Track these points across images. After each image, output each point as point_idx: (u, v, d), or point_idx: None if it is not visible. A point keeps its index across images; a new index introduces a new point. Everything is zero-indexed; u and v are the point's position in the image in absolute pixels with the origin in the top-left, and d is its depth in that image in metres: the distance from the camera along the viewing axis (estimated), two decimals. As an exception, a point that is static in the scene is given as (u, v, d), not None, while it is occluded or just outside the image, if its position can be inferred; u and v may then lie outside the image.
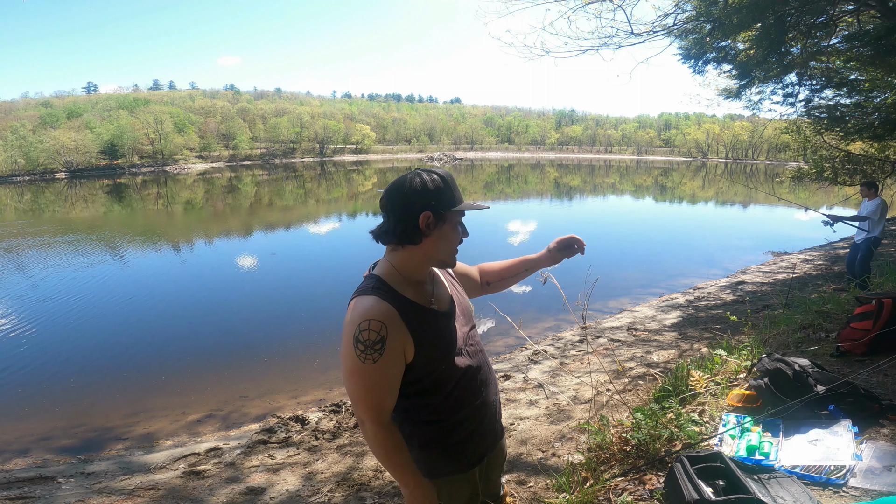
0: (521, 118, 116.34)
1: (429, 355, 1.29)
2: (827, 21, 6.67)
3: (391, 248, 1.32)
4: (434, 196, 1.25)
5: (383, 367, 1.21)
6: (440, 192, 1.26)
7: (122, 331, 6.81)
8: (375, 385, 1.22)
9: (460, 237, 1.34)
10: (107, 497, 3.11)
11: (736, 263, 10.26)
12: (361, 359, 1.19)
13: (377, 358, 1.19)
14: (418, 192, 1.25)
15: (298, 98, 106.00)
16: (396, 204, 1.26)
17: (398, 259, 1.31)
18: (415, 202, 1.25)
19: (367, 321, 1.19)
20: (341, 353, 1.24)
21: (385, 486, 2.96)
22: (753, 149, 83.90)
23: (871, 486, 1.80)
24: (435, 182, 1.26)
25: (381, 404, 1.24)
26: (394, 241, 1.29)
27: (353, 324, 1.21)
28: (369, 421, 1.24)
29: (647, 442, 2.27)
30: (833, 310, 4.10)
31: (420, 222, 1.24)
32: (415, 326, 1.25)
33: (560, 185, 36.66)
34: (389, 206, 1.28)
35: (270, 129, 71.14)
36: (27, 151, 44.15)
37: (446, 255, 1.33)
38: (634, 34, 6.57)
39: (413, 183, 1.26)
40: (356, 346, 1.19)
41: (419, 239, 1.27)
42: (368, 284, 1.28)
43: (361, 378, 1.21)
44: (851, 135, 8.71)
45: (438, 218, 1.26)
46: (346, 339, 1.21)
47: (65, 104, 71.79)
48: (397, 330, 1.22)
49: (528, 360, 5.13)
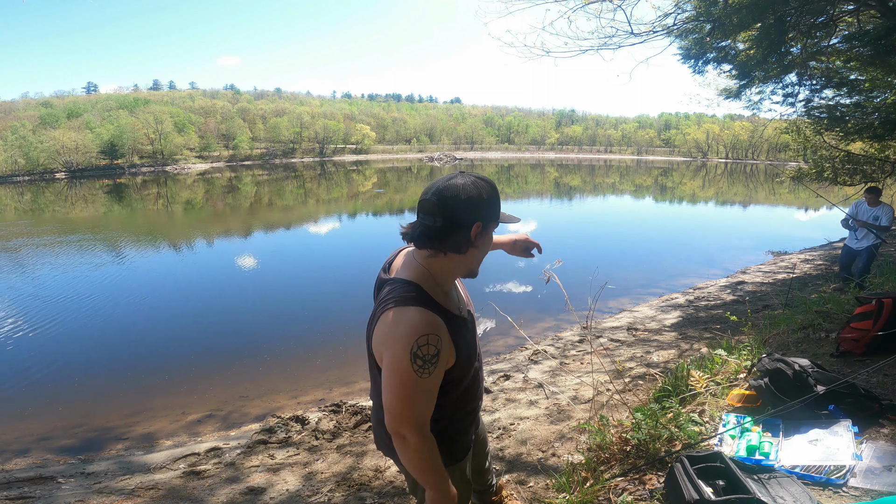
0: (521, 118, 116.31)
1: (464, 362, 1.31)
2: (827, 21, 6.67)
3: (430, 253, 1.25)
4: (487, 207, 1.22)
5: (434, 379, 1.20)
6: (491, 204, 1.23)
7: (121, 331, 6.81)
8: (425, 396, 1.21)
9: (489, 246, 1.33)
10: (107, 497, 3.11)
11: (736, 263, 10.26)
12: (419, 373, 1.16)
13: (432, 371, 1.18)
14: (475, 201, 1.20)
15: (298, 98, 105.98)
16: (452, 210, 1.19)
17: (437, 265, 1.26)
18: (471, 211, 1.20)
19: (424, 336, 1.16)
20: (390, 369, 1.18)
21: (385, 486, 2.96)
22: (753, 149, 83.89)
23: (871, 486, 1.80)
24: (488, 192, 1.22)
25: (426, 415, 1.23)
26: (440, 248, 1.23)
27: (408, 338, 1.16)
28: (413, 434, 1.21)
29: (647, 442, 2.27)
30: (833, 310, 4.10)
31: (472, 232, 1.21)
32: (455, 337, 1.26)
33: (560, 185, 36.66)
34: (442, 211, 1.20)
35: (270, 129, 71.11)
36: (27, 151, 44.13)
37: (477, 265, 1.31)
38: (634, 34, 6.57)
39: (470, 191, 1.20)
40: (414, 362, 1.15)
41: (466, 249, 1.23)
42: (409, 293, 1.22)
43: (414, 391, 1.18)
44: (851, 135, 8.70)
45: (484, 229, 1.23)
46: (398, 353, 1.16)
47: (65, 104, 71.75)
48: (447, 341, 1.22)
49: (528, 360, 5.13)
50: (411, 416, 1.20)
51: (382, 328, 1.21)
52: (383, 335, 1.21)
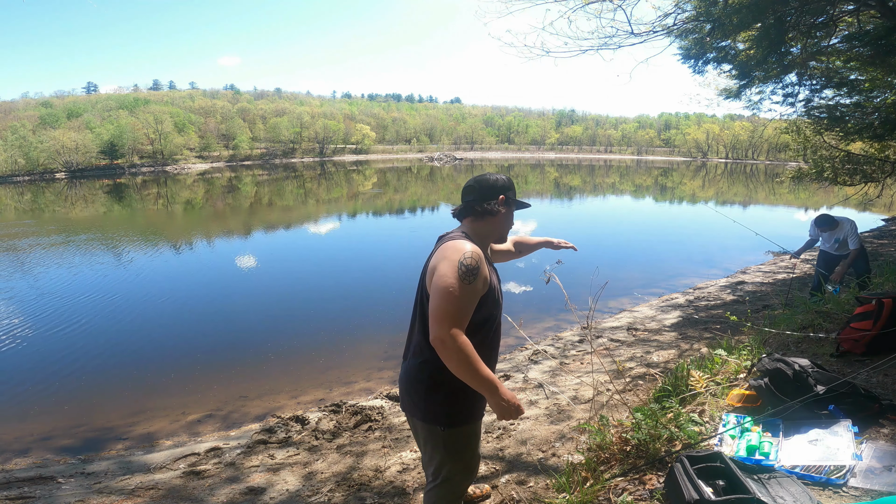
0: (521, 118, 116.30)
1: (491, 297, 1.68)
2: (827, 21, 6.67)
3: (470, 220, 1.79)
4: (509, 187, 1.82)
5: (474, 290, 1.58)
6: (510, 186, 1.83)
7: (121, 330, 6.81)
8: (466, 302, 1.56)
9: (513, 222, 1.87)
10: (107, 497, 3.11)
11: (736, 263, 10.26)
12: (462, 278, 1.54)
13: (472, 280, 1.56)
14: (501, 182, 1.81)
15: (298, 98, 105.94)
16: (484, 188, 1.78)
17: (475, 227, 1.78)
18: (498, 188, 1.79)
19: (471, 253, 1.59)
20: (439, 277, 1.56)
21: (385, 486, 2.96)
22: (753, 149, 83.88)
23: (871, 486, 1.80)
24: (508, 181, 1.84)
25: (464, 320, 1.56)
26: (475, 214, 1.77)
27: (457, 253, 1.58)
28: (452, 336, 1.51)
29: (647, 442, 2.27)
30: (833, 310, 4.10)
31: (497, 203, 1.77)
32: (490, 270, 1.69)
33: (560, 185, 36.65)
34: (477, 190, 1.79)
35: (270, 129, 71.10)
36: (27, 151, 44.12)
37: (506, 230, 1.85)
38: (634, 34, 6.56)
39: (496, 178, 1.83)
40: (460, 268, 1.55)
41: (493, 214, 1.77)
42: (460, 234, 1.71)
43: (458, 295, 1.53)
44: (851, 135, 8.69)
45: (508, 203, 1.80)
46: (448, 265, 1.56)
47: (65, 104, 71.74)
48: (484, 266, 1.63)
49: (528, 360, 5.13)
50: (453, 317, 1.52)
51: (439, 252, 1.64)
52: (439, 255, 1.62)
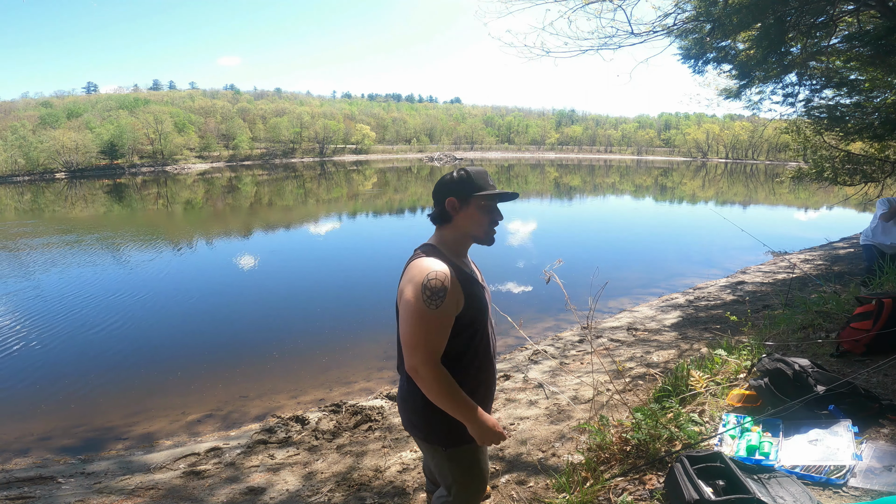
0: (521, 118, 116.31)
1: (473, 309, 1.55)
2: (827, 21, 6.67)
3: (439, 227, 1.63)
4: (457, 185, 1.59)
5: (442, 314, 1.44)
6: (462, 183, 1.59)
7: (121, 330, 6.80)
8: (436, 328, 1.44)
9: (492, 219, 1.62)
10: (107, 497, 3.11)
11: (736, 263, 10.26)
12: (427, 303, 1.42)
13: (439, 304, 1.43)
14: (445, 183, 1.61)
15: (298, 98, 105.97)
16: (435, 193, 1.62)
17: (442, 235, 1.62)
18: (444, 190, 1.60)
19: (434, 272, 1.44)
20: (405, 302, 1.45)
21: (385, 486, 2.96)
22: (753, 149, 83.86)
23: (871, 486, 1.80)
24: (459, 175, 1.61)
25: (436, 347, 1.45)
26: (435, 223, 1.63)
27: (421, 275, 1.44)
28: (424, 364, 1.43)
29: (647, 442, 2.27)
30: (833, 310, 4.10)
31: (446, 206, 1.58)
32: (464, 284, 1.53)
33: (560, 185, 36.65)
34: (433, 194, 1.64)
35: (270, 129, 71.09)
36: (27, 151, 44.11)
37: (479, 231, 1.61)
38: (634, 34, 6.57)
39: (449, 177, 1.62)
40: (423, 293, 1.42)
41: (449, 219, 1.60)
42: (426, 250, 1.57)
43: (424, 322, 1.42)
44: (851, 135, 8.69)
45: (462, 202, 1.58)
46: (413, 289, 1.44)
47: (65, 104, 71.75)
48: (454, 284, 1.47)
49: (528, 360, 5.13)
50: (423, 348, 1.43)
51: (405, 274, 1.52)
52: (405, 278, 1.51)
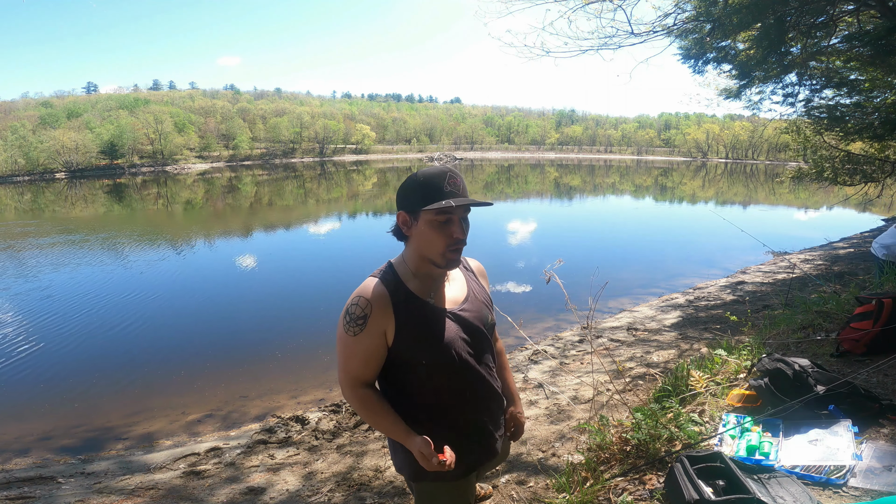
0: (521, 118, 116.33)
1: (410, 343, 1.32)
2: (827, 21, 6.67)
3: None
4: (408, 196, 1.29)
5: (362, 341, 1.30)
6: (409, 193, 1.29)
7: (121, 330, 6.80)
8: (353, 355, 1.32)
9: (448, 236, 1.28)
10: (107, 497, 3.11)
11: (736, 263, 10.26)
12: (345, 328, 1.31)
13: (357, 332, 1.29)
14: (399, 193, 1.32)
15: (298, 98, 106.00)
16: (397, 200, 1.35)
17: (405, 252, 1.39)
18: (397, 203, 1.34)
19: (357, 297, 1.31)
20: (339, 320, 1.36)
21: (385, 486, 2.96)
22: (753, 149, 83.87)
23: (871, 486, 1.80)
24: (413, 181, 1.29)
25: (356, 373, 1.34)
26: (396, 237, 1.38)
27: (351, 297, 1.33)
28: (345, 385, 1.36)
29: (647, 442, 2.27)
30: (833, 310, 4.09)
31: (399, 222, 1.33)
32: (400, 312, 1.30)
33: (560, 185, 36.66)
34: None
35: (270, 129, 71.13)
36: (27, 151, 44.14)
37: (431, 253, 1.30)
38: (634, 34, 6.57)
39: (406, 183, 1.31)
40: (344, 317, 1.32)
41: (404, 237, 1.35)
42: (380, 269, 1.39)
43: (343, 346, 1.33)
44: (851, 135, 8.69)
45: (412, 217, 1.30)
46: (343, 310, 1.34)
47: (65, 104, 71.75)
48: (382, 312, 1.29)
49: (527, 360, 5.13)
50: (342, 371, 1.35)
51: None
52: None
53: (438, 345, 1.34)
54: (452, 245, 1.29)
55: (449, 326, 1.36)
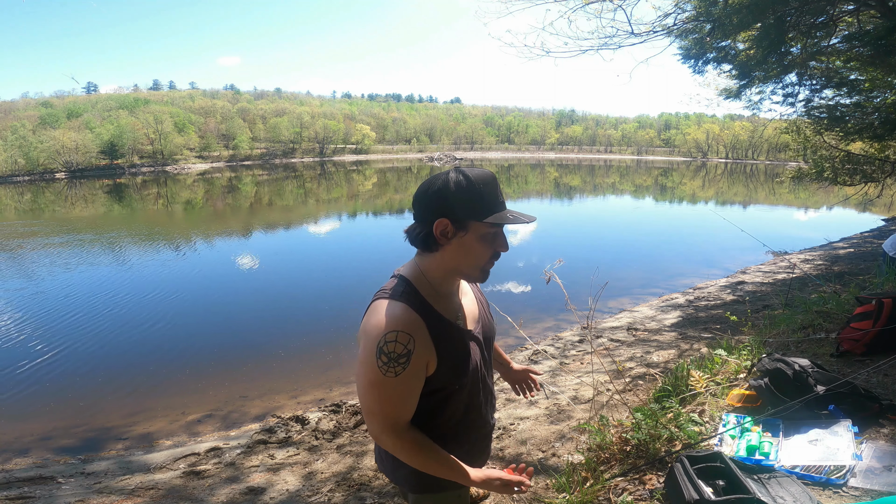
0: (521, 118, 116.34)
1: (448, 372, 1.21)
2: (827, 21, 6.67)
3: (419, 251, 1.21)
4: (455, 202, 1.11)
5: (405, 381, 1.12)
6: (460, 200, 1.11)
7: (121, 330, 6.80)
8: (394, 398, 1.14)
9: (493, 251, 1.18)
10: (107, 497, 3.11)
11: (736, 263, 10.26)
12: (383, 371, 1.10)
13: (399, 371, 1.10)
14: (437, 195, 1.12)
15: (298, 98, 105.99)
16: (418, 205, 1.16)
17: (425, 264, 1.20)
18: (432, 206, 1.13)
19: (394, 332, 1.10)
20: (359, 360, 1.14)
21: (385, 486, 2.96)
22: (753, 149, 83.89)
23: (871, 486, 1.80)
24: (459, 186, 1.11)
25: (397, 416, 1.16)
26: (415, 245, 1.19)
27: (378, 331, 1.10)
28: (385, 435, 1.17)
29: (647, 442, 2.27)
30: (833, 310, 4.09)
31: (434, 230, 1.13)
32: (439, 341, 1.17)
33: (560, 185, 36.65)
34: (413, 206, 1.17)
35: (270, 129, 71.14)
36: (27, 151, 44.15)
37: (469, 268, 1.18)
38: (634, 34, 6.57)
39: (436, 184, 1.12)
40: (378, 357, 1.09)
41: (435, 247, 1.16)
42: (398, 288, 1.17)
43: (380, 390, 1.12)
44: (851, 135, 8.69)
45: (458, 227, 1.13)
46: (367, 347, 1.11)
47: (65, 104, 71.76)
48: (424, 343, 1.13)
49: (527, 360, 5.13)
50: (379, 416, 1.16)
51: (364, 321, 1.17)
52: (362, 325, 1.17)
53: (468, 369, 1.26)
54: (497, 258, 1.20)
55: (473, 349, 1.29)
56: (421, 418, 1.24)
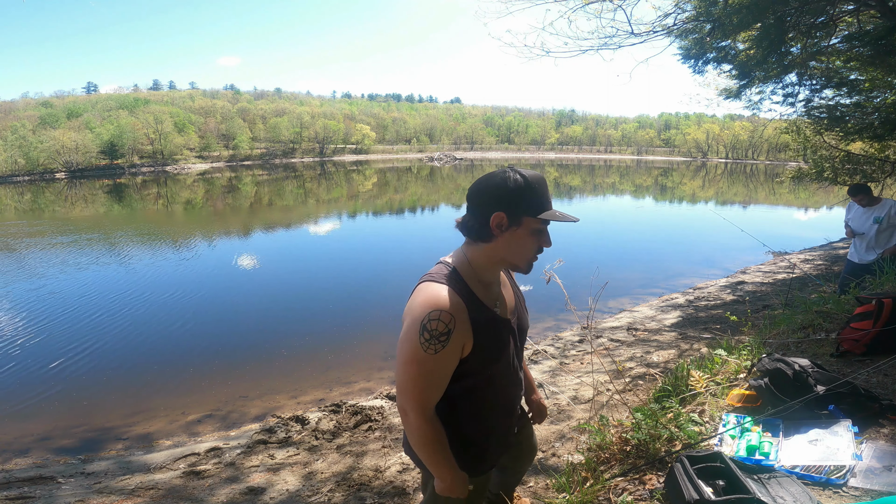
0: (521, 118, 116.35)
1: (481, 356, 1.28)
2: (827, 21, 6.66)
3: (469, 241, 1.31)
4: (511, 198, 1.22)
5: (442, 359, 1.21)
6: (517, 196, 1.22)
7: (121, 330, 6.80)
8: (430, 376, 1.22)
9: (539, 246, 1.30)
10: (107, 497, 3.11)
11: (736, 263, 10.26)
12: (424, 347, 1.18)
13: (439, 349, 1.19)
14: (496, 190, 1.23)
15: (298, 98, 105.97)
16: (475, 198, 1.26)
17: (473, 253, 1.30)
18: (490, 200, 1.23)
19: (437, 311, 1.18)
20: (401, 338, 1.22)
21: (385, 486, 2.96)
22: (753, 149, 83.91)
23: (871, 486, 1.80)
24: (517, 183, 1.22)
25: (429, 396, 1.24)
26: (468, 235, 1.29)
27: (422, 310, 1.19)
28: (413, 412, 1.24)
29: (647, 442, 2.27)
30: (833, 310, 4.09)
31: (491, 221, 1.23)
32: (478, 326, 1.25)
33: (560, 185, 36.65)
34: (470, 199, 1.28)
35: (270, 129, 71.12)
36: (27, 151, 44.12)
37: (518, 260, 1.29)
38: (634, 34, 6.57)
39: (494, 180, 1.24)
40: (421, 334, 1.18)
41: (489, 238, 1.25)
42: (442, 272, 1.28)
43: (418, 367, 1.20)
44: (851, 135, 8.69)
45: (512, 221, 1.24)
46: (411, 325, 1.20)
47: (65, 104, 71.75)
48: (463, 325, 1.21)
49: (527, 360, 5.13)
50: (413, 393, 1.23)
51: (410, 301, 1.26)
52: (408, 305, 1.25)
53: (502, 357, 1.34)
54: (541, 251, 1.32)
55: (507, 337, 1.36)
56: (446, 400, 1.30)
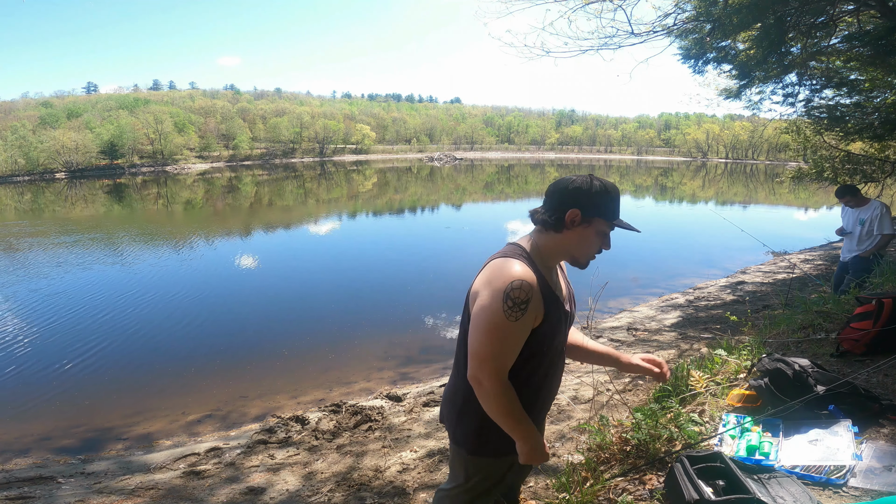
0: (521, 118, 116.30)
1: (546, 331, 1.39)
2: (827, 21, 6.66)
3: (539, 230, 1.43)
4: (588, 199, 1.36)
5: (521, 326, 1.30)
6: (594, 198, 1.36)
7: (121, 330, 6.80)
8: (510, 341, 1.31)
9: (600, 247, 1.43)
10: (107, 497, 3.11)
11: (736, 263, 10.26)
12: (507, 314, 1.27)
13: (519, 317, 1.28)
14: (576, 190, 1.37)
15: (298, 98, 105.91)
16: (556, 193, 1.39)
17: (542, 240, 1.43)
18: (570, 197, 1.37)
19: (519, 281, 1.28)
20: (481, 307, 1.30)
21: (385, 486, 2.96)
22: (753, 149, 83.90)
23: (871, 486, 1.80)
24: (595, 188, 1.37)
25: (505, 362, 1.33)
26: (542, 224, 1.41)
27: (504, 280, 1.28)
28: (490, 379, 1.31)
29: (647, 442, 2.27)
30: (833, 310, 4.09)
31: (566, 216, 1.36)
32: (548, 301, 1.37)
33: (560, 185, 36.57)
34: (550, 194, 1.41)
35: (270, 129, 71.07)
36: (27, 151, 44.10)
37: (581, 254, 1.42)
38: (634, 34, 6.56)
39: (577, 182, 1.38)
40: (505, 302, 1.27)
41: (561, 229, 1.38)
42: (515, 251, 1.39)
43: (501, 333, 1.29)
44: (851, 135, 8.68)
45: (584, 219, 1.37)
46: (492, 295, 1.29)
47: (65, 104, 71.72)
48: (537, 298, 1.32)
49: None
50: (491, 359, 1.31)
51: (484, 273, 1.36)
52: (483, 279, 1.35)
53: (557, 337, 1.47)
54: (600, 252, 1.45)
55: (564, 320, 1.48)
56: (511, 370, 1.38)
